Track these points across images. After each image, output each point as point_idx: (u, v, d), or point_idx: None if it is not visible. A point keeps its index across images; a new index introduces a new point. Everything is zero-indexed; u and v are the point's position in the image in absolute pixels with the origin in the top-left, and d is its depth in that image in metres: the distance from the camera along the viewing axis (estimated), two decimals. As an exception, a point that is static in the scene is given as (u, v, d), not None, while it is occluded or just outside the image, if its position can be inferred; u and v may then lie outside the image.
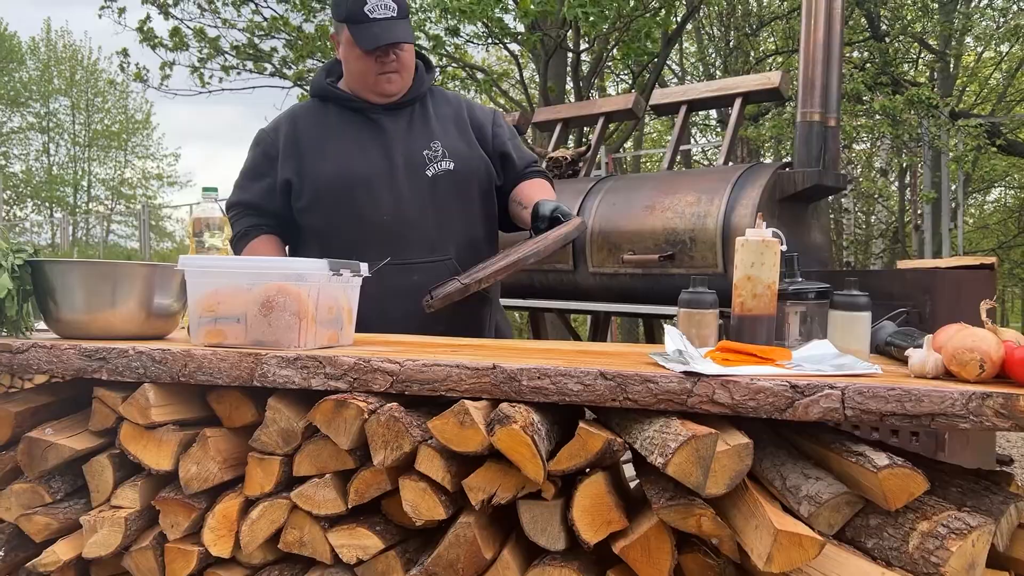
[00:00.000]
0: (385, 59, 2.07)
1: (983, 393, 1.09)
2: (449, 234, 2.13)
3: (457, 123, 2.22)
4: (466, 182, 2.17)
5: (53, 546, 1.36)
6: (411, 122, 2.18)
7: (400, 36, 2.05)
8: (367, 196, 2.09)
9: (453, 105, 2.27)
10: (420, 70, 2.23)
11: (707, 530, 1.11)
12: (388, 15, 2.04)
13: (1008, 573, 1.16)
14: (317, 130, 2.17)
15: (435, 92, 2.29)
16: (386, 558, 1.27)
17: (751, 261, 1.40)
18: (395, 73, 2.10)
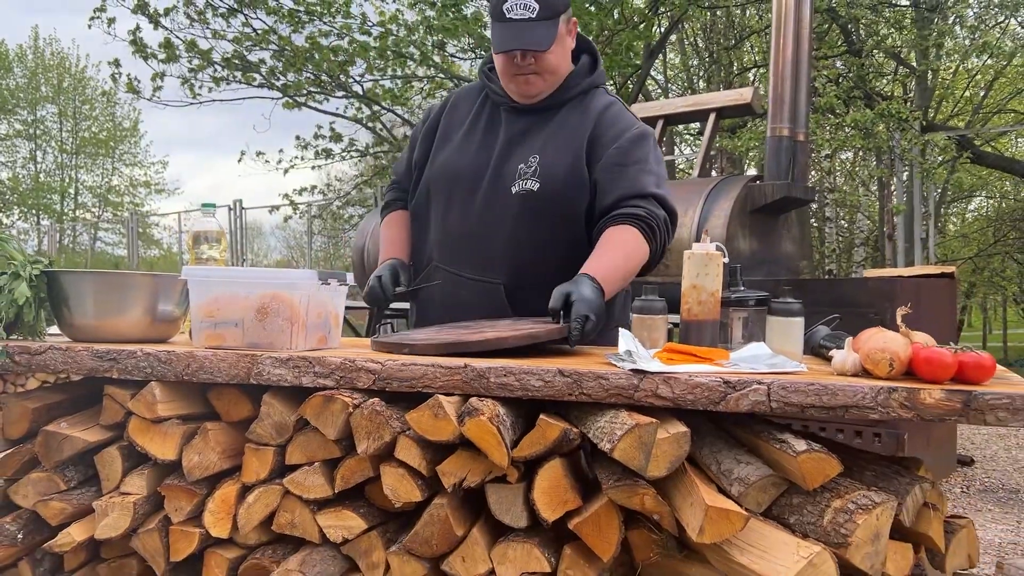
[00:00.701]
0: (521, 62, 1.92)
1: (890, 388, 1.26)
2: (509, 257, 1.97)
3: (574, 136, 1.99)
4: (546, 206, 1.95)
5: (68, 528, 1.50)
6: (530, 128, 2.02)
7: (529, 43, 1.88)
8: (455, 198, 2.02)
9: (586, 112, 2.02)
10: (577, 69, 2.05)
11: (649, 507, 1.26)
12: (525, 16, 1.88)
13: (911, 545, 1.32)
14: (459, 115, 2.10)
15: (587, 97, 2.05)
16: (369, 537, 1.43)
17: (696, 272, 1.57)
18: (533, 75, 1.95)
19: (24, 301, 1.57)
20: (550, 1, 1.88)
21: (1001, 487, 4.18)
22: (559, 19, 1.92)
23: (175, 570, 1.52)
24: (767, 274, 4.37)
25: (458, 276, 2.00)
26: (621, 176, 1.91)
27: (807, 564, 1.16)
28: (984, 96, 12.84)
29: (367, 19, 10.21)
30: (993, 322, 25.58)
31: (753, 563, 1.21)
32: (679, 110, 5.06)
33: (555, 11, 1.90)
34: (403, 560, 1.38)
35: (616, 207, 1.88)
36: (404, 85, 10.57)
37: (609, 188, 1.91)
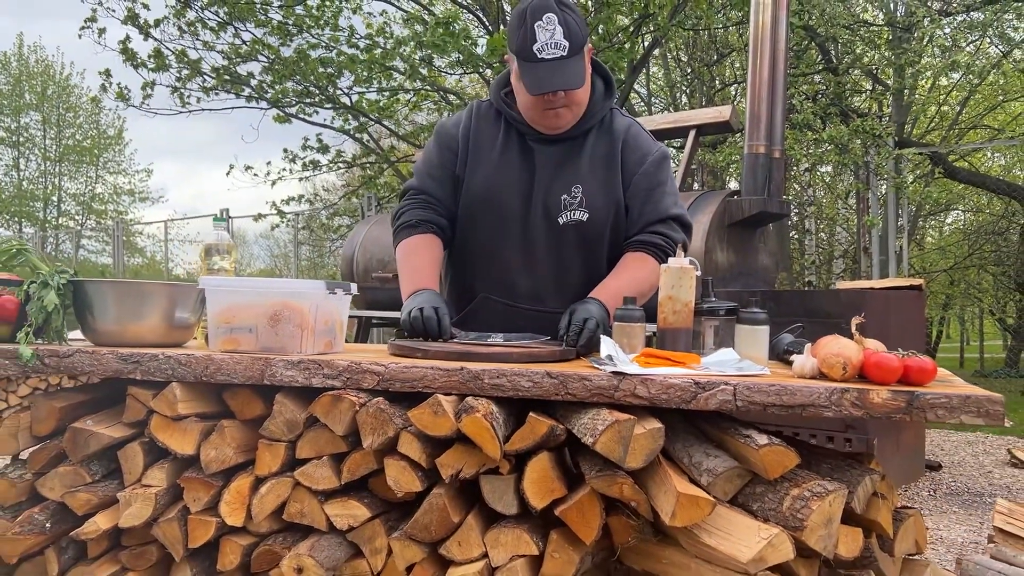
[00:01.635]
0: (553, 99, 1.95)
1: (843, 388, 1.41)
2: (564, 287, 2.07)
3: (608, 164, 2.08)
4: (596, 234, 2.07)
5: (94, 518, 1.62)
6: (564, 158, 2.07)
7: (567, 82, 1.91)
8: (494, 225, 2.07)
9: (613, 140, 2.10)
10: (595, 97, 2.10)
11: (628, 495, 1.41)
12: (558, 55, 1.89)
13: (862, 529, 1.47)
14: (485, 137, 2.12)
15: (607, 120, 2.13)
16: (372, 525, 1.56)
17: (671, 284, 1.72)
18: (563, 108, 1.98)
19: (52, 308, 1.69)
20: (577, 37, 1.91)
21: (966, 491, 4.36)
22: (584, 53, 1.96)
23: (192, 556, 1.65)
24: (744, 286, 4.54)
25: (514, 307, 2.08)
26: (647, 201, 2.06)
27: (767, 544, 1.31)
28: (959, 113, 13.15)
29: (355, 32, 10.37)
30: (971, 334, 25.99)
31: (719, 544, 1.36)
32: (661, 126, 5.23)
33: (581, 45, 1.94)
34: (404, 545, 1.51)
35: (640, 233, 2.06)
36: (391, 98, 10.72)
37: (637, 214, 2.07)
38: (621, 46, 7.65)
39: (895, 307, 4.17)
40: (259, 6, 9.66)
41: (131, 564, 1.66)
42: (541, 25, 1.89)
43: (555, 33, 1.88)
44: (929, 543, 3.48)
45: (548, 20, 1.89)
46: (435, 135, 2.19)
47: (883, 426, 4.20)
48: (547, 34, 1.88)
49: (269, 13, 9.76)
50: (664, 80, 14.45)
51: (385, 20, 10.47)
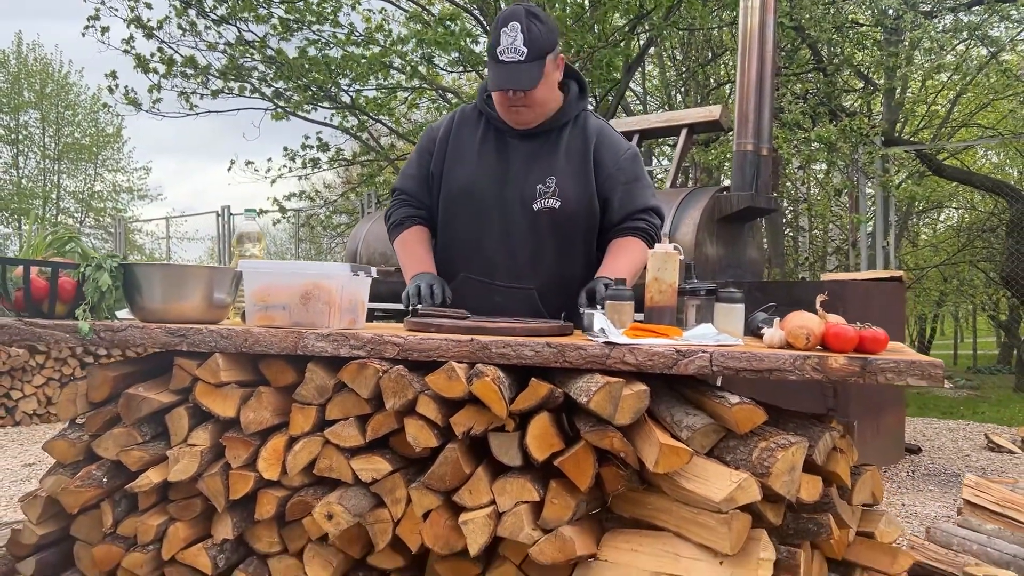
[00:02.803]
0: (512, 98, 2.21)
1: (804, 355, 1.62)
2: (539, 266, 2.30)
3: (582, 158, 2.31)
4: (568, 221, 2.29)
5: (146, 472, 1.83)
6: (539, 151, 2.31)
7: (518, 83, 2.15)
8: (475, 212, 2.30)
9: (587, 138, 2.33)
10: (569, 97, 2.34)
11: (617, 447, 1.62)
12: (515, 58, 2.14)
13: (822, 478, 1.69)
14: (466, 137, 2.36)
15: (580, 120, 2.37)
16: (394, 478, 1.77)
17: (658, 267, 1.93)
18: (523, 107, 2.23)
19: (106, 288, 1.90)
20: (537, 45, 2.15)
21: (943, 472, 4.58)
22: (545, 59, 2.19)
23: (232, 508, 1.86)
24: (732, 277, 4.75)
25: (491, 284, 2.31)
26: (627, 194, 2.32)
27: (737, 487, 1.52)
28: (949, 112, 13.36)
29: (355, 29, 10.56)
30: (964, 331, 26.25)
31: (697, 488, 1.57)
32: (654, 125, 5.45)
33: (541, 53, 2.17)
34: (422, 494, 1.72)
35: (624, 221, 2.31)
36: (389, 95, 10.92)
37: (618, 205, 2.31)
38: (617, 45, 7.85)
39: (876, 297, 4.38)
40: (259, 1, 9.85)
41: (178, 515, 1.87)
42: (506, 31, 2.15)
43: (516, 39, 2.14)
44: (904, 518, 3.69)
45: (512, 27, 2.15)
46: (421, 137, 2.49)
47: (864, 410, 4.42)
48: (509, 39, 2.14)
49: (271, 7, 9.95)
50: (660, 80, 14.66)
51: (384, 18, 10.68)
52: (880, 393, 4.56)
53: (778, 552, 1.61)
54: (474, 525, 1.65)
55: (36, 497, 1.94)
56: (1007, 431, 5.99)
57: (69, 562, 1.98)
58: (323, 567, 1.80)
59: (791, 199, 14.97)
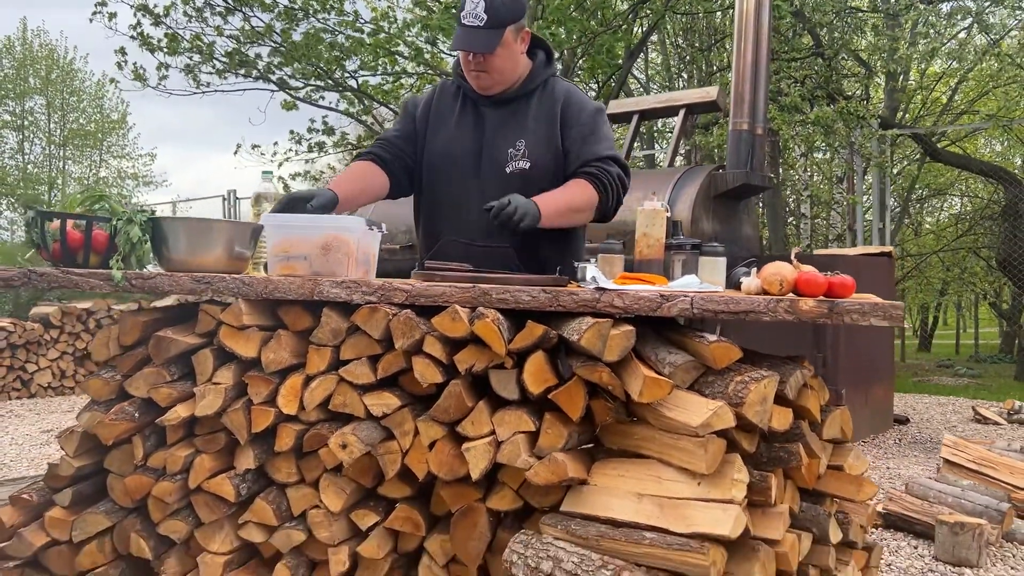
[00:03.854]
0: (472, 61, 2.37)
1: (777, 299, 1.78)
2: None
3: (549, 121, 2.45)
4: (539, 180, 2.40)
5: (175, 407, 2.00)
6: (509, 117, 2.46)
7: (473, 46, 2.31)
8: (455, 178, 2.45)
9: (554, 101, 2.47)
10: (536, 64, 2.49)
11: (605, 380, 1.78)
12: (475, 24, 2.31)
13: (791, 409, 1.85)
14: (445, 107, 2.53)
15: (548, 86, 2.50)
16: (402, 412, 1.93)
17: (646, 223, 2.09)
18: (483, 72, 2.38)
19: (136, 239, 2.06)
20: (497, 14, 2.31)
21: (929, 440, 4.74)
22: (505, 29, 2.34)
23: (253, 441, 2.02)
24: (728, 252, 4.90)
25: (470, 244, 2.42)
26: (583, 145, 2.43)
27: (713, 414, 1.68)
28: (950, 99, 13.47)
29: (359, 16, 10.69)
30: (967, 321, 26.37)
31: (677, 415, 1.73)
32: (652, 106, 5.59)
33: (501, 22, 2.33)
34: (428, 425, 1.89)
35: (577, 169, 2.41)
36: (395, 82, 11.06)
37: (575, 156, 2.43)
38: (618, 30, 7.99)
39: (865, 271, 4.54)
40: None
41: (204, 447, 2.04)
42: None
43: (478, 6, 2.31)
44: (888, 479, 3.86)
45: None
46: (402, 105, 2.69)
47: (853, 380, 4.58)
48: (472, 5, 2.31)
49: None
50: (661, 65, 14.77)
51: (389, 5, 10.81)
52: (869, 364, 4.72)
53: (752, 476, 1.77)
54: (476, 452, 1.82)
55: (73, 432, 2.11)
56: (995, 405, 6.15)
57: (103, 493, 2.14)
58: (337, 495, 1.97)
59: (793, 187, 15.09)
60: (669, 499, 1.72)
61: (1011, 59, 8.11)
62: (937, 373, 11.54)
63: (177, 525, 2.05)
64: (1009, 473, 3.31)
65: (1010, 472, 3.31)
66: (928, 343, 20.50)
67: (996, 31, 8.50)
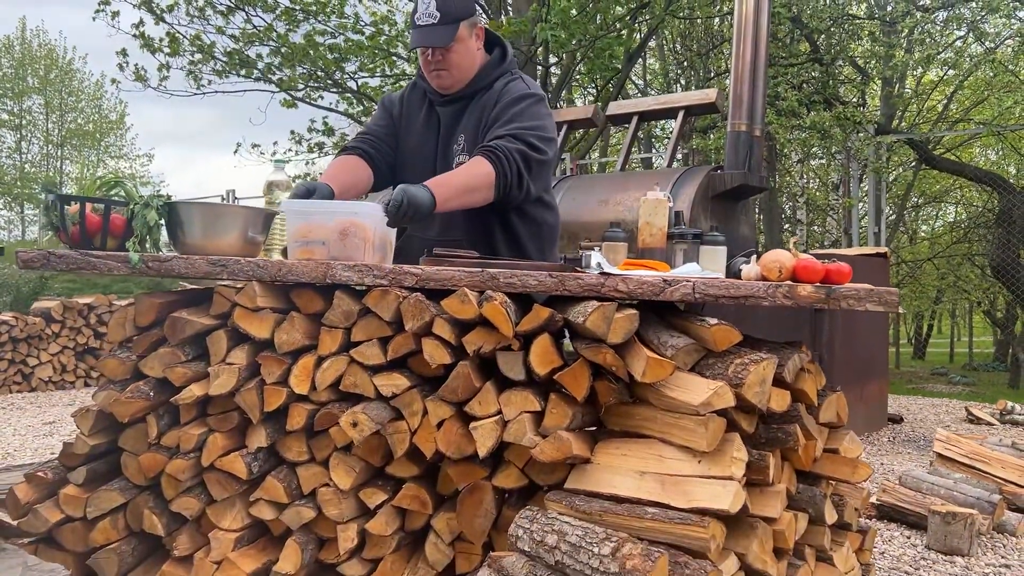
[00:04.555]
0: (431, 58, 2.46)
1: (776, 284, 1.84)
2: (464, 218, 2.51)
3: (483, 114, 2.52)
4: None
5: (189, 387, 2.05)
6: (458, 116, 2.56)
7: (432, 41, 2.41)
8: (421, 176, 2.44)
9: (491, 94, 2.53)
10: (487, 63, 2.56)
11: (610, 362, 1.84)
12: (429, 22, 2.41)
13: (789, 392, 1.91)
14: (413, 107, 2.65)
15: (497, 84, 2.55)
16: (411, 393, 1.99)
17: (649, 212, 2.15)
18: (442, 71, 2.48)
19: (153, 223, 2.12)
20: (449, 11, 2.41)
21: (923, 439, 4.81)
22: (459, 24, 2.43)
23: (265, 420, 2.07)
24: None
25: (426, 239, 2.52)
26: (494, 126, 2.44)
27: (713, 393, 1.74)
28: (946, 107, 13.58)
29: (360, 19, 10.77)
30: (961, 329, 26.49)
31: (679, 395, 1.79)
32: (651, 107, 5.66)
33: (454, 18, 2.42)
34: (437, 405, 1.94)
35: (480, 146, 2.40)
36: (394, 84, 11.13)
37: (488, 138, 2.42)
38: (619, 34, 8.07)
39: (860, 271, 4.60)
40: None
41: (217, 426, 2.09)
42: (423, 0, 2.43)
43: (430, 6, 2.41)
44: (881, 474, 3.92)
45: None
46: (379, 102, 2.75)
47: (848, 378, 4.65)
48: (424, 5, 2.42)
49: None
50: (660, 70, 14.87)
51: (390, 9, 10.89)
52: (864, 362, 4.78)
53: (750, 455, 1.83)
54: (483, 430, 1.87)
55: (89, 411, 2.16)
56: (987, 406, 6.22)
57: (116, 471, 2.19)
58: (346, 473, 2.02)
59: (790, 193, 15.17)
60: (670, 476, 1.78)
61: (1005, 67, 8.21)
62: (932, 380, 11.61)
63: (190, 502, 2.10)
64: (1000, 467, 3.37)
65: (1001, 466, 3.38)
66: (923, 351, 20.62)
67: (991, 39, 8.60)
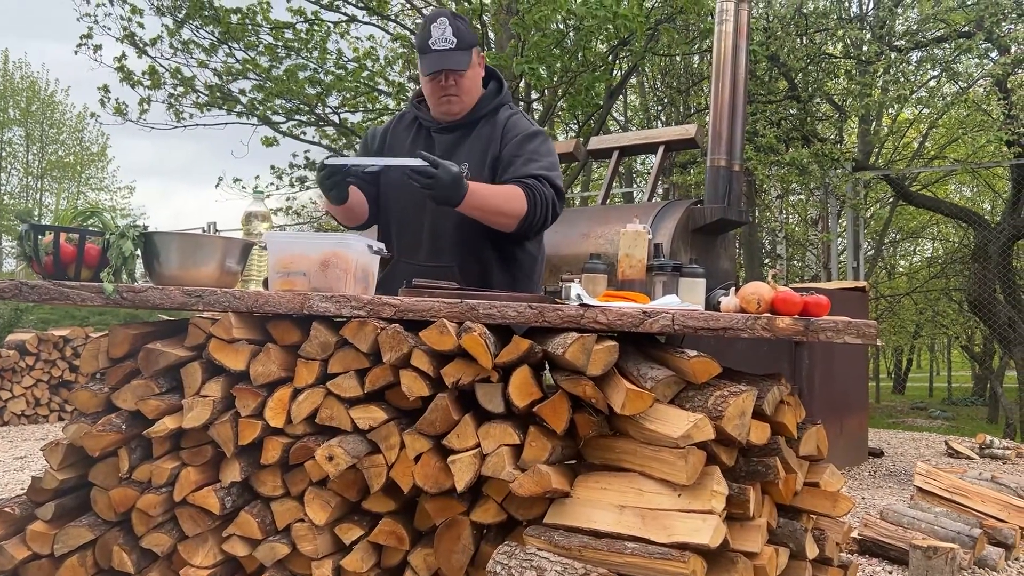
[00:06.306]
0: (445, 83, 2.48)
1: (755, 317, 1.84)
2: (458, 246, 2.52)
3: (489, 146, 2.54)
4: None
5: (162, 420, 2.01)
6: (456, 144, 2.56)
7: (452, 64, 2.44)
8: (404, 202, 2.55)
9: (494, 126, 2.57)
10: (485, 94, 2.61)
11: (589, 394, 1.82)
12: (447, 47, 2.44)
13: (769, 424, 1.90)
14: (399, 138, 2.65)
15: (497, 115, 2.60)
16: (388, 426, 1.96)
17: (628, 244, 2.16)
18: (454, 96, 2.50)
19: (129, 253, 2.09)
20: (464, 36, 2.47)
21: (903, 473, 4.81)
22: (472, 50, 2.50)
23: (240, 454, 2.04)
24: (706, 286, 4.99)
25: (416, 265, 2.53)
26: (514, 165, 2.48)
27: (692, 425, 1.73)
28: (921, 144, 13.81)
29: (343, 55, 10.83)
30: (940, 364, 26.68)
31: (659, 428, 1.78)
32: (632, 142, 5.71)
33: (468, 44, 2.48)
34: (414, 438, 1.92)
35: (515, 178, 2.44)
36: (376, 119, 11.18)
37: (511, 173, 2.46)
38: (598, 70, 8.16)
39: (839, 305, 4.62)
40: (250, 27, 10.09)
41: (190, 460, 2.05)
42: (435, 26, 2.47)
43: (446, 31, 2.45)
44: (863, 508, 3.91)
45: (441, 22, 2.47)
46: (363, 135, 2.74)
47: (827, 411, 4.65)
48: (439, 31, 2.45)
49: (260, 34, 10.20)
50: (640, 107, 15.04)
51: (372, 45, 10.96)
52: (843, 397, 4.79)
53: (730, 488, 1.82)
54: (461, 464, 1.85)
55: (58, 444, 2.11)
56: (967, 440, 6.24)
57: (86, 507, 2.14)
58: (322, 508, 1.99)
59: (769, 228, 15.32)
60: (650, 510, 1.76)
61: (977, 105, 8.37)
62: (911, 415, 11.65)
63: (161, 538, 2.05)
64: (980, 501, 3.37)
65: (981, 500, 3.37)
66: (903, 386, 20.74)
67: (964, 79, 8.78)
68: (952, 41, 7.84)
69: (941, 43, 8.64)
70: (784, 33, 7.68)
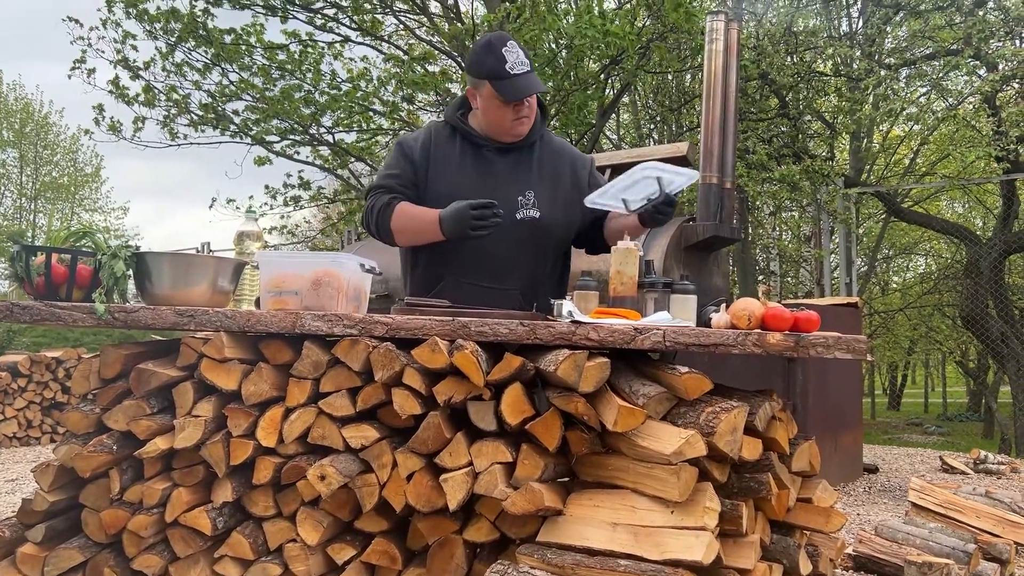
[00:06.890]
0: (521, 107, 2.45)
1: (746, 332, 1.85)
2: (520, 269, 2.51)
3: (555, 173, 2.58)
4: (546, 230, 2.53)
5: (154, 440, 2.01)
6: (517, 164, 2.55)
7: (539, 87, 2.44)
8: None
9: (557, 155, 2.62)
10: (537, 118, 2.59)
11: (581, 411, 1.82)
12: (525, 70, 2.42)
13: (761, 440, 1.90)
14: (444, 152, 2.54)
15: (545, 137, 2.64)
16: (380, 445, 1.96)
17: (620, 261, 2.16)
18: (526, 118, 2.49)
19: (120, 274, 2.09)
20: (529, 60, 2.47)
21: (898, 489, 4.80)
22: None
23: (232, 474, 2.03)
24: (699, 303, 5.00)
25: (478, 286, 2.48)
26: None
27: (684, 442, 1.73)
28: (912, 161, 13.89)
29: (336, 75, 10.87)
30: (935, 379, 26.70)
31: (651, 444, 1.78)
32: (624, 160, 5.73)
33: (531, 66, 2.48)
34: (406, 456, 1.91)
35: None
36: (370, 139, 11.21)
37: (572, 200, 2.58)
38: (590, 88, 8.21)
39: (831, 321, 4.64)
40: (244, 48, 10.13)
41: (181, 480, 2.04)
42: (507, 49, 2.42)
43: (519, 54, 2.43)
44: (857, 524, 3.90)
45: (511, 46, 2.44)
46: (396, 146, 2.60)
47: (822, 428, 4.65)
48: (514, 56, 2.42)
49: (254, 55, 10.24)
50: (633, 124, 15.12)
51: (366, 67, 11.01)
52: (838, 413, 4.79)
53: (723, 505, 1.81)
54: (453, 482, 1.85)
55: (49, 466, 2.10)
56: (962, 456, 6.24)
57: (76, 529, 2.13)
58: (314, 527, 1.98)
59: (763, 245, 15.37)
60: (643, 527, 1.76)
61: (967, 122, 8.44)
62: (907, 431, 11.64)
63: (152, 560, 2.04)
64: (975, 517, 3.37)
65: (976, 516, 3.37)
66: (897, 402, 20.75)
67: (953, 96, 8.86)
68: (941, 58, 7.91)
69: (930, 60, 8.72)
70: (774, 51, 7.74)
